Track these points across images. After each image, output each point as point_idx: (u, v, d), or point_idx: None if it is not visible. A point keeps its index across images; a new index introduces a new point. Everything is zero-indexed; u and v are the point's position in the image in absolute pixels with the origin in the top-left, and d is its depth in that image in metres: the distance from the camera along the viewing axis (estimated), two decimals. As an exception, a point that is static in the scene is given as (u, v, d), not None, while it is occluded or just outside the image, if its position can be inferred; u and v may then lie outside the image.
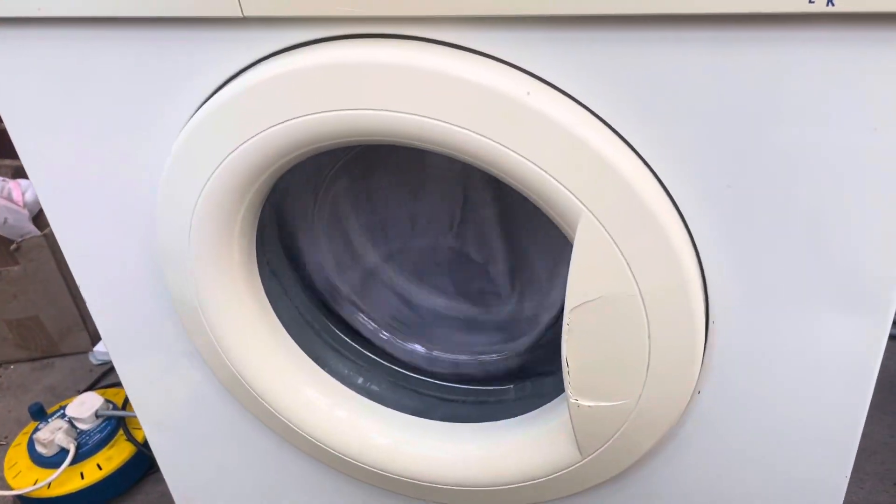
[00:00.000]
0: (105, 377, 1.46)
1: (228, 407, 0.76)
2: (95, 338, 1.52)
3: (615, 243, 0.51)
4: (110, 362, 1.49)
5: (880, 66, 0.43)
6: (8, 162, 1.94)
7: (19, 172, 1.94)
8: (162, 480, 1.22)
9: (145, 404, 0.81)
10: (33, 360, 1.52)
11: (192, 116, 0.58)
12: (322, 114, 0.53)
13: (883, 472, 1.10)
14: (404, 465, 0.72)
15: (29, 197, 1.59)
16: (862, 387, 0.55)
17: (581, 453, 0.63)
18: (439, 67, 0.49)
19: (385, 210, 0.75)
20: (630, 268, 0.52)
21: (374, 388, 0.76)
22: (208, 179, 0.59)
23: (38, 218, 1.59)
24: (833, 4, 0.41)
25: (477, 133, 0.50)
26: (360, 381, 0.75)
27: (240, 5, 0.51)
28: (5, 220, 1.52)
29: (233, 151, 0.57)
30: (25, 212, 1.55)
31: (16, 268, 1.41)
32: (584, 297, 0.54)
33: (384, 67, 0.50)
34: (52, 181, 0.66)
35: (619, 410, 0.59)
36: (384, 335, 0.78)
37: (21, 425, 1.36)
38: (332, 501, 0.81)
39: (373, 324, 0.78)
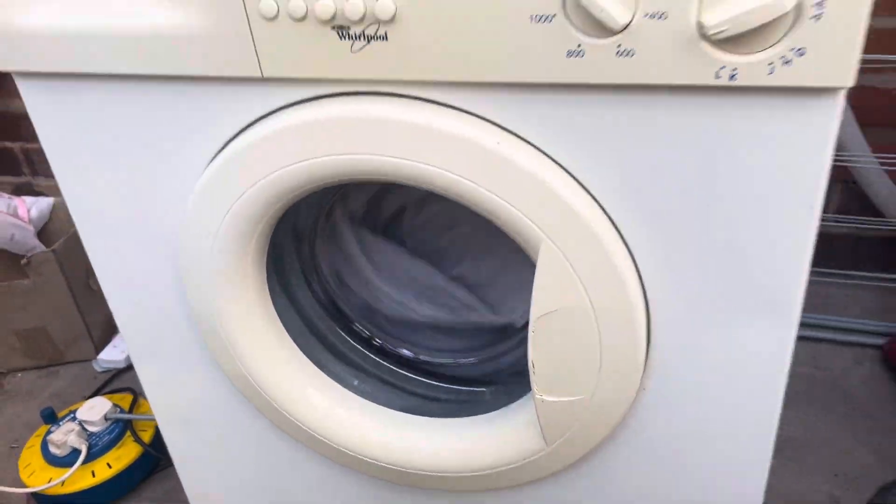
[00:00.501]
0: (109, 384, 1.55)
1: (239, 407, 0.86)
2: (99, 347, 1.61)
3: (570, 265, 0.62)
4: (113, 370, 1.58)
5: (774, 129, 0.54)
6: (10, 179, 2.02)
7: (20, 189, 2.03)
8: (166, 478, 1.32)
9: (163, 404, 0.91)
10: (39, 367, 1.61)
11: (213, 158, 0.69)
12: (325, 158, 0.64)
13: (825, 465, 1.21)
14: (395, 456, 0.82)
15: (34, 214, 1.68)
16: (776, 380, 0.67)
17: (546, 443, 0.74)
18: (424, 121, 0.60)
19: (377, 233, 0.85)
20: (583, 285, 0.63)
21: (368, 388, 0.86)
22: (227, 211, 0.69)
23: (42, 234, 1.68)
24: (735, 79, 0.52)
25: (456, 175, 0.61)
26: (356, 382, 0.86)
27: (259, 67, 0.61)
28: (12, 236, 1.61)
29: (250, 187, 0.67)
30: (31, 228, 1.64)
31: (25, 281, 1.50)
32: (546, 309, 0.65)
33: (378, 120, 0.61)
34: (88, 210, 0.76)
35: (577, 404, 0.70)
36: (377, 342, 0.88)
37: (31, 428, 1.44)
38: (332, 490, 0.92)
39: (366, 332, 0.88)
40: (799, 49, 0.50)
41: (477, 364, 0.87)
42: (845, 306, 1.50)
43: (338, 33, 0.58)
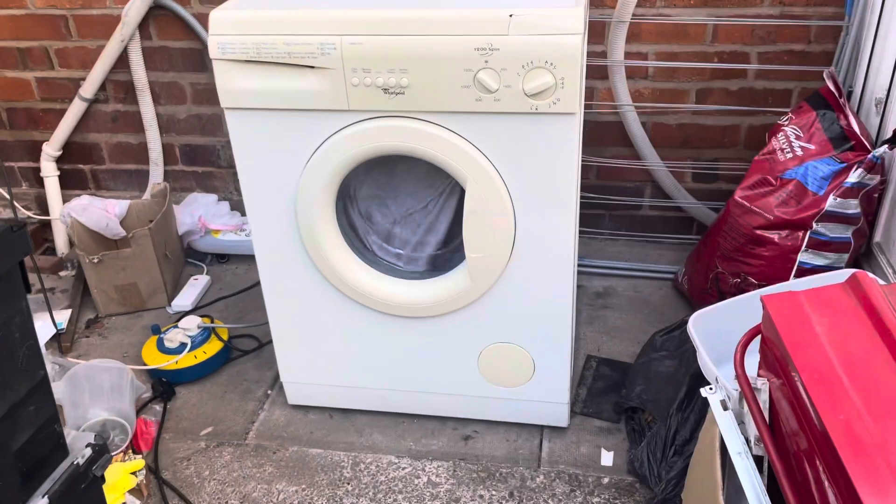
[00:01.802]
0: (179, 321, 2.29)
1: (319, 284, 1.67)
2: (171, 297, 2.36)
3: (480, 189, 1.47)
4: (182, 312, 2.33)
5: (555, 128, 1.42)
6: (79, 192, 2.74)
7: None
8: (238, 363, 2.09)
9: (272, 289, 1.71)
10: (129, 313, 2.35)
11: (320, 145, 1.51)
12: (372, 144, 1.48)
13: (635, 337, 2.09)
14: (393, 298, 1.65)
15: (118, 211, 2.42)
16: (568, 238, 1.53)
17: (471, 280, 1.58)
18: (419, 126, 1.45)
19: (383, 188, 1.69)
20: (486, 198, 1.48)
21: (379, 267, 1.69)
22: (323, 173, 1.52)
23: (123, 223, 2.42)
24: (538, 109, 1.39)
25: (434, 151, 1.46)
26: (374, 264, 1.68)
27: (348, 102, 1.45)
28: (107, 225, 2.36)
29: (333, 160, 1.50)
30: (116, 220, 2.39)
31: (128, 250, 2.25)
32: (470, 210, 1.50)
33: (399, 126, 1.45)
34: (252, 183, 1.58)
35: (486, 258, 1.54)
36: (386, 246, 1.71)
37: (134, 346, 2.18)
38: (362, 321, 1.72)
39: (378, 239, 1.71)
40: (559, 98, 1.38)
41: (434, 256, 1.71)
42: (655, 258, 2.41)
43: (383, 91, 1.43)
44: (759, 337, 1.10)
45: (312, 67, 1.43)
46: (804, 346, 0.95)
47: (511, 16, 1.34)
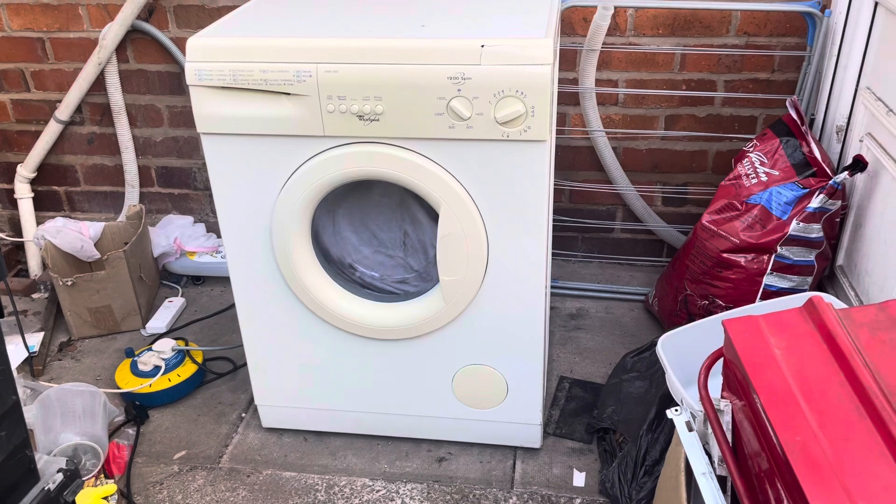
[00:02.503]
0: (153, 343, 2.29)
1: (294, 307, 1.68)
2: (145, 319, 2.35)
3: (454, 213, 1.50)
4: (156, 335, 2.33)
5: (526, 155, 1.45)
6: (54, 213, 2.73)
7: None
8: (212, 386, 2.09)
9: (245, 308, 1.71)
10: (102, 335, 2.33)
11: (294, 171, 1.53)
12: (347, 169, 1.50)
13: (604, 359, 2.12)
14: (366, 321, 1.66)
15: (92, 233, 2.42)
16: (538, 265, 1.56)
17: (445, 302, 1.61)
18: (392, 152, 1.48)
19: (360, 212, 1.71)
20: (459, 222, 1.51)
21: (356, 291, 1.70)
22: (298, 197, 1.54)
23: (98, 245, 2.41)
24: (509, 136, 1.43)
25: (406, 175, 1.48)
26: (350, 288, 1.70)
27: (323, 128, 1.48)
28: (82, 246, 2.36)
29: (309, 185, 1.52)
30: (91, 241, 2.38)
31: (102, 272, 2.25)
32: (444, 233, 1.52)
33: (372, 152, 1.48)
34: (229, 200, 1.59)
35: (459, 281, 1.57)
36: (363, 269, 1.73)
37: (107, 370, 2.17)
38: (336, 345, 1.74)
39: (358, 265, 1.73)
40: (530, 126, 1.41)
41: (408, 280, 1.73)
42: (627, 279, 2.45)
43: (358, 117, 1.45)
44: (722, 359, 1.13)
45: (288, 94, 1.45)
46: (763, 369, 0.99)
47: (483, 46, 1.38)
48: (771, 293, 1.86)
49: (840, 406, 0.94)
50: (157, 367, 2.02)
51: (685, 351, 1.58)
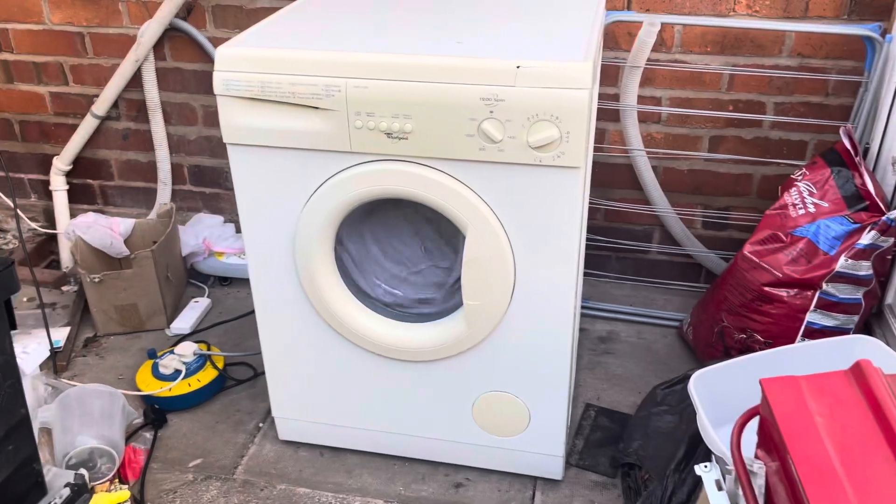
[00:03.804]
0: (177, 344, 2.28)
1: (314, 321, 1.65)
2: (170, 319, 2.35)
3: (480, 236, 1.44)
4: (180, 335, 2.31)
5: (559, 180, 1.39)
6: (87, 206, 2.74)
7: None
8: (232, 392, 2.07)
9: (267, 322, 1.68)
10: (127, 333, 2.33)
11: (320, 186, 1.49)
12: (373, 187, 1.45)
13: (631, 387, 2.04)
14: (388, 341, 1.62)
15: (122, 229, 2.42)
16: (567, 292, 1.49)
17: (468, 327, 1.55)
18: (421, 171, 1.43)
19: (385, 230, 1.66)
20: (486, 245, 1.45)
21: (377, 309, 1.66)
22: (323, 213, 1.49)
23: (128, 241, 2.41)
24: (542, 161, 1.36)
25: (434, 196, 1.43)
26: (371, 305, 1.65)
27: (350, 144, 1.43)
28: (111, 243, 2.35)
29: (333, 201, 1.48)
30: (120, 238, 2.38)
31: (129, 271, 2.24)
32: (470, 256, 1.47)
33: (401, 171, 1.43)
34: (251, 217, 1.56)
35: (484, 305, 1.51)
36: (385, 286, 1.68)
37: (130, 368, 2.16)
38: (357, 364, 1.70)
39: (377, 280, 1.69)
40: (564, 152, 1.35)
41: (432, 300, 1.68)
42: (661, 303, 2.37)
43: (387, 135, 1.41)
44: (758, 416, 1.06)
45: (316, 108, 1.41)
46: (801, 436, 0.91)
47: (518, 67, 1.32)
48: (814, 331, 1.77)
49: (884, 481, 0.87)
50: (178, 371, 2.00)
51: (719, 390, 1.50)
